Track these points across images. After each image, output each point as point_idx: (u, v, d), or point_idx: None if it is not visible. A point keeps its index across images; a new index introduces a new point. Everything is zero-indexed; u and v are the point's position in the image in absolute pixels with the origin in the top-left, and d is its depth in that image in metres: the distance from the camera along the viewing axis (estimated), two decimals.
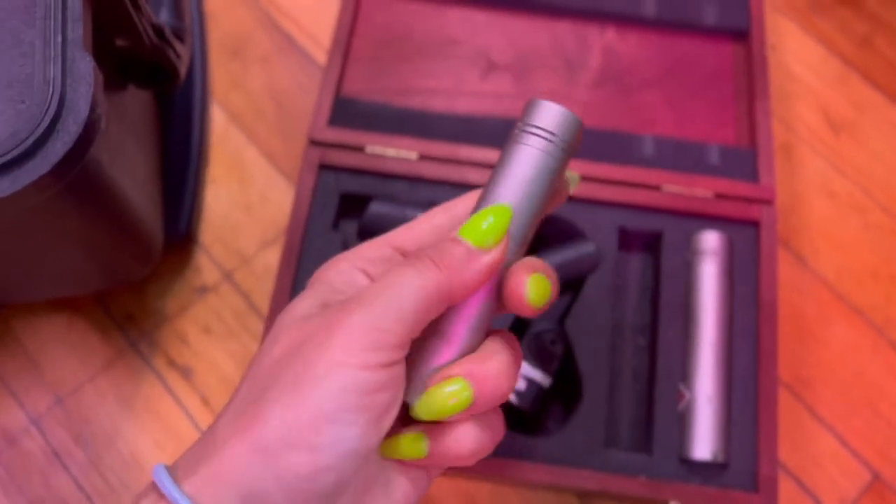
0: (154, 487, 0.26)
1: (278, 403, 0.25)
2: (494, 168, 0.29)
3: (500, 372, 0.27)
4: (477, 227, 0.27)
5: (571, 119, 0.29)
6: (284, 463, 0.24)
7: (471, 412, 0.27)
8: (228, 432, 0.25)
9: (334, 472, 0.25)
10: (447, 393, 0.26)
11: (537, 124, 0.29)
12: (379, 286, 0.26)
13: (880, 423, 0.50)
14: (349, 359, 0.25)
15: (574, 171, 0.31)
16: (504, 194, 0.28)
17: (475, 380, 0.27)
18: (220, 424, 0.26)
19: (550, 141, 0.28)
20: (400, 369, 0.26)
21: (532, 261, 0.28)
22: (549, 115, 0.28)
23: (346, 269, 0.30)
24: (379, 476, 0.28)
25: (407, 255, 0.30)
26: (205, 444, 0.26)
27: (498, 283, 0.28)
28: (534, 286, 0.27)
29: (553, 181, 0.29)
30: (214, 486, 0.25)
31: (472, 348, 0.28)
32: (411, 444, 0.27)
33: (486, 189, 0.29)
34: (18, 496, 0.48)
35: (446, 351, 0.28)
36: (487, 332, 0.29)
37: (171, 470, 0.26)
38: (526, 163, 0.28)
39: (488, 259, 0.27)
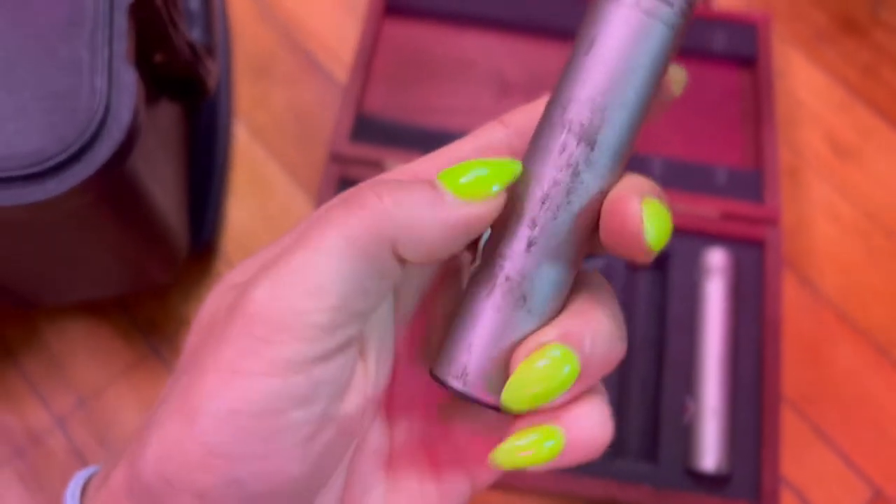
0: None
1: (159, 431, 0.18)
2: (573, 50, 0.21)
3: (603, 327, 0.19)
4: (455, 177, 0.19)
5: None
6: (190, 466, 0.17)
7: (578, 387, 0.19)
8: (126, 453, 0.19)
9: (260, 481, 0.17)
10: (544, 367, 0.18)
11: None
12: (289, 246, 0.18)
13: (883, 441, 0.51)
14: (245, 363, 0.17)
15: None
16: (587, 87, 0.20)
17: (575, 341, 0.19)
18: (155, 409, 0.20)
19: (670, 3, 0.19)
20: (338, 367, 0.18)
21: (639, 181, 0.20)
22: None
23: None
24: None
25: None
26: (145, 423, 0.19)
27: (592, 216, 0.20)
28: (652, 217, 0.18)
29: (665, 62, 0.20)
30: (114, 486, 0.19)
31: (556, 310, 0.20)
32: (541, 446, 0.19)
33: (562, 79, 0.21)
34: (40, 494, 0.50)
35: (526, 319, 0.20)
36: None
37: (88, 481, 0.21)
38: (624, 33, 0.19)
39: (488, 207, 0.19)
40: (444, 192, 0.19)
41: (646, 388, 0.49)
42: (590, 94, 0.20)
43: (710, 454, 0.45)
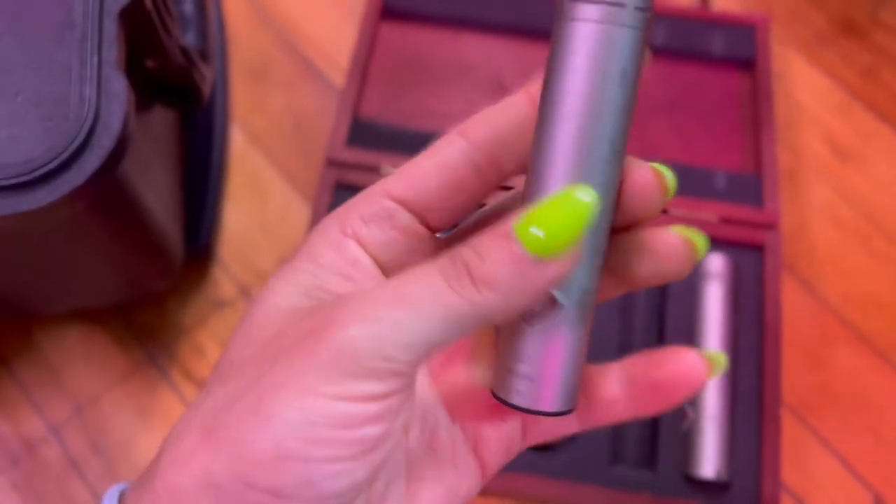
0: None
1: (233, 434, 0.19)
2: (548, 66, 0.20)
3: None
4: (548, 218, 0.18)
5: None
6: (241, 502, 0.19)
7: None
8: (173, 455, 0.20)
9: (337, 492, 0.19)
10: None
11: None
12: (387, 297, 0.19)
13: (883, 447, 0.51)
14: (330, 387, 0.18)
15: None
16: (573, 102, 0.20)
17: None
18: (170, 436, 0.20)
19: (622, 4, 0.19)
20: (401, 397, 0.20)
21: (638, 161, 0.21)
22: None
23: (335, 237, 0.22)
24: (396, 475, 0.22)
25: (413, 212, 0.23)
26: (153, 465, 0.20)
27: (609, 226, 0.21)
28: (692, 237, 0.21)
29: (641, 62, 0.20)
30: None
31: (592, 312, 0.21)
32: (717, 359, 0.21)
33: (543, 97, 0.20)
34: (36, 503, 0.49)
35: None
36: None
37: (125, 492, 0.21)
38: (599, 48, 0.19)
39: (552, 273, 0.19)
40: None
41: None
42: (574, 111, 0.20)
43: (709, 461, 0.45)
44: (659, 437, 0.46)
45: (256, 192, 0.58)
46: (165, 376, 0.52)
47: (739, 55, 0.58)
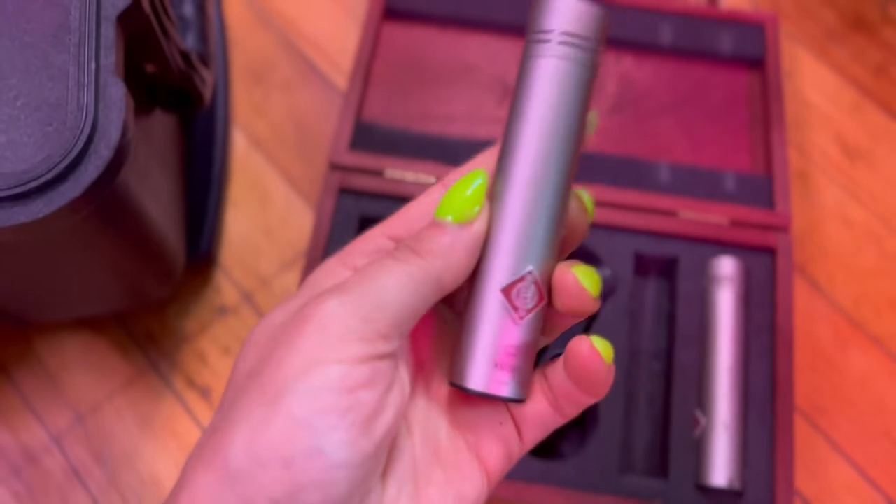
0: None
1: (244, 419, 0.21)
2: (515, 105, 0.25)
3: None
4: (455, 202, 0.24)
5: (599, 13, 0.23)
6: (255, 486, 0.20)
7: None
8: (194, 463, 0.22)
9: (318, 490, 0.20)
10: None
11: (547, 28, 0.24)
12: (357, 276, 0.23)
13: None
14: (323, 352, 0.21)
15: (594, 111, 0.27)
16: (526, 137, 0.24)
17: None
18: (191, 456, 0.22)
19: (572, 44, 0.23)
20: (389, 366, 0.22)
21: (565, 262, 0.26)
22: (560, 12, 0.23)
23: (336, 267, 0.26)
24: (406, 475, 0.24)
25: None
26: (179, 480, 0.22)
27: (545, 285, 0.25)
28: (583, 275, 0.25)
29: (586, 98, 0.24)
30: None
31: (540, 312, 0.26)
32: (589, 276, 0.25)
33: (513, 130, 0.25)
34: None
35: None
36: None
37: None
38: (549, 82, 0.24)
39: (472, 233, 0.24)
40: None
41: (654, 401, 0.48)
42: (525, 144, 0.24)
43: (721, 469, 0.44)
44: (670, 446, 0.45)
45: (258, 196, 0.57)
46: (167, 384, 0.52)
47: (748, 54, 0.57)
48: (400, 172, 0.51)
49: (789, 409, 0.45)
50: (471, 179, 0.24)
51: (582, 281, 0.24)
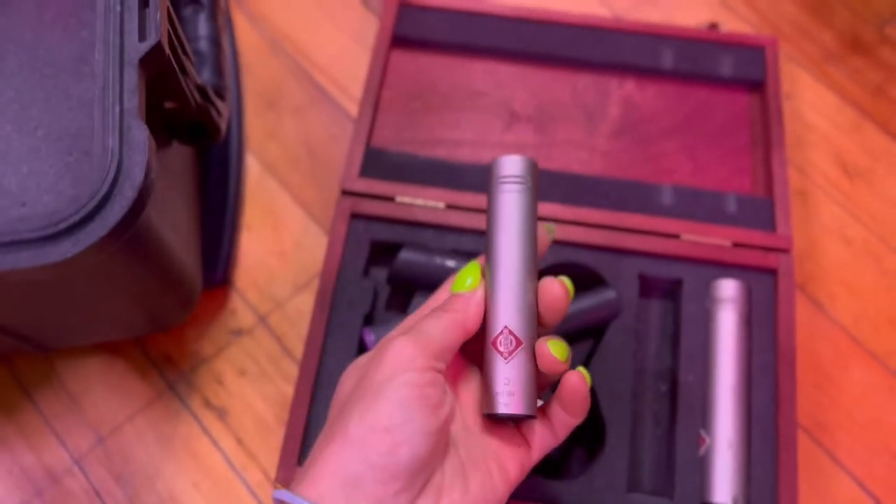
0: None
1: (356, 409, 0.33)
2: (487, 222, 0.38)
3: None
4: (462, 281, 0.38)
5: (527, 161, 0.37)
6: (369, 447, 0.31)
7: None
8: (321, 445, 0.33)
9: (408, 446, 0.31)
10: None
11: (504, 174, 0.37)
12: (414, 326, 0.36)
13: None
14: (401, 365, 0.33)
15: (550, 223, 0.42)
16: (502, 237, 0.37)
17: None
18: (319, 441, 0.34)
19: (519, 182, 0.37)
20: (441, 377, 0.34)
21: (544, 338, 0.36)
22: (510, 165, 0.37)
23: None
24: (457, 470, 0.34)
25: None
26: (310, 460, 0.33)
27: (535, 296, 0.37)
28: (554, 347, 0.35)
29: (534, 211, 0.37)
30: (320, 483, 0.31)
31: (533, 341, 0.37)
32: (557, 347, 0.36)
33: (488, 238, 0.38)
34: None
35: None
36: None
37: (290, 489, 0.33)
38: (508, 205, 0.37)
39: (476, 295, 0.37)
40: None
41: (659, 420, 0.49)
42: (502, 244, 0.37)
43: (726, 487, 0.45)
44: (676, 464, 0.46)
45: (272, 220, 0.59)
46: (186, 405, 0.53)
47: (749, 77, 0.58)
48: (410, 198, 0.53)
49: (792, 426, 0.47)
50: (471, 268, 0.38)
51: (552, 350, 0.35)
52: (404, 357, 0.33)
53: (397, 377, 0.33)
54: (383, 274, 0.53)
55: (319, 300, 0.50)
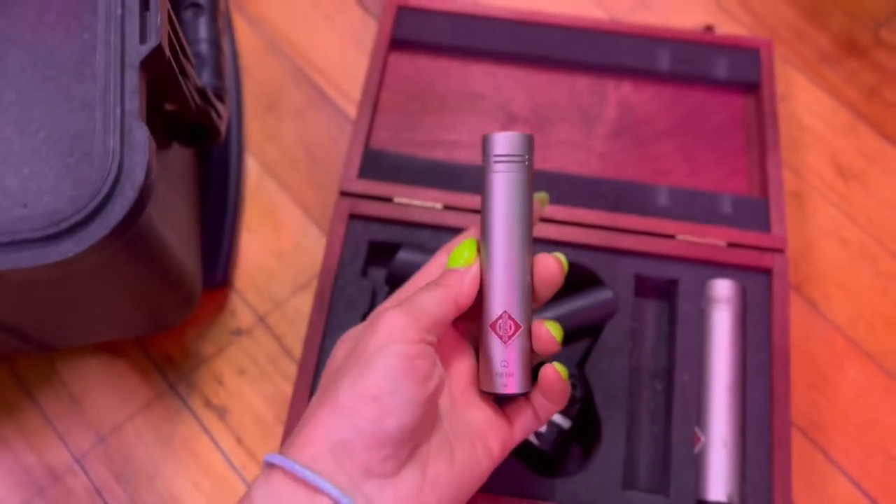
0: (267, 468, 0.33)
1: (346, 378, 0.33)
2: (483, 201, 0.38)
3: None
4: (458, 257, 0.38)
5: (523, 138, 0.37)
6: (358, 414, 0.32)
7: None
8: (312, 410, 0.34)
9: (395, 416, 0.32)
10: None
11: (496, 153, 0.37)
12: (407, 298, 0.36)
13: (893, 467, 0.51)
14: (393, 336, 0.34)
15: (542, 193, 0.42)
16: (498, 218, 0.37)
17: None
18: (309, 408, 0.35)
19: (512, 160, 0.36)
20: (432, 351, 0.35)
21: (541, 320, 0.38)
22: (505, 142, 0.37)
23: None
24: (444, 441, 0.35)
25: None
26: (300, 426, 0.34)
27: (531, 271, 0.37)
28: (552, 328, 0.37)
29: (530, 189, 0.37)
30: (309, 447, 0.32)
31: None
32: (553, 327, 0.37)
33: (484, 217, 0.37)
34: None
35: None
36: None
37: (280, 453, 0.33)
38: (504, 184, 0.36)
39: (471, 271, 0.37)
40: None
41: (655, 419, 0.49)
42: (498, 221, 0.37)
43: (720, 484, 0.46)
44: (671, 462, 0.47)
45: (271, 221, 0.59)
46: (186, 405, 0.54)
47: (744, 78, 0.59)
48: (408, 199, 0.53)
49: (786, 425, 0.47)
50: (467, 244, 0.38)
51: (552, 331, 0.37)
52: (396, 328, 0.34)
53: (388, 347, 0.33)
54: (381, 274, 0.53)
55: (318, 300, 0.50)
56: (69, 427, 0.53)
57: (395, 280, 0.51)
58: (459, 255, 0.38)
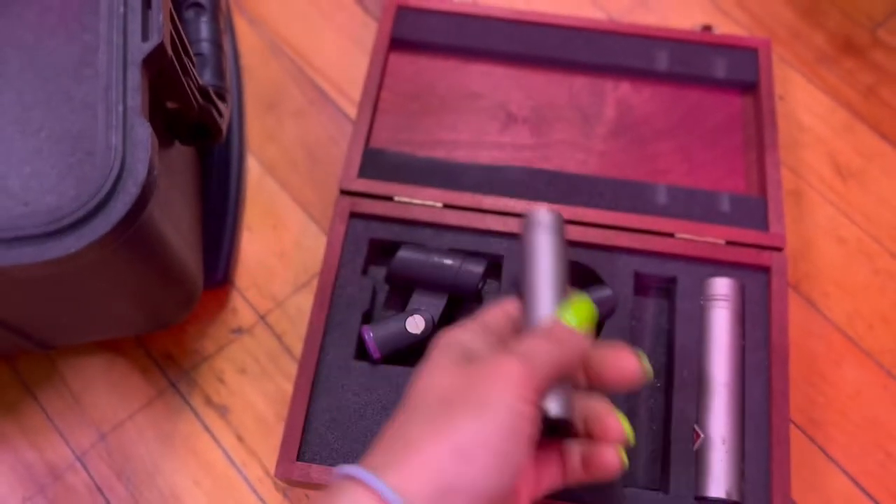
0: (352, 483, 0.30)
1: (468, 417, 0.31)
2: (525, 261, 0.42)
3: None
4: (574, 315, 0.37)
5: (557, 215, 0.42)
6: (473, 464, 0.30)
7: None
8: (423, 434, 0.31)
9: (507, 475, 0.31)
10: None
11: (540, 221, 0.42)
12: (531, 349, 0.35)
13: (891, 465, 0.52)
14: (512, 390, 0.32)
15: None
16: (543, 272, 0.41)
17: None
18: (410, 429, 0.32)
19: (552, 231, 0.42)
20: (537, 411, 0.33)
21: (619, 346, 0.37)
22: (544, 217, 0.42)
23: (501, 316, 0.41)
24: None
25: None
26: (396, 446, 0.32)
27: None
28: (577, 312, 0.37)
29: (562, 245, 0.42)
30: (415, 480, 0.30)
31: None
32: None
33: (527, 273, 0.41)
34: None
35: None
36: None
37: (365, 468, 0.31)
38: (546, 247, 0.41)
39: (587, 342, 0.36)
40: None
41: (654, 416, 0.50)
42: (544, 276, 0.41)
43: (720, 481, 0.46)
44: (670, 459, 0.47)
45: (272, 220, 0.60)
46: (187, 403, 0.54)
47: (742, 78, 0.59)
48: (408, 198, 0.53)
49: (785, 422, 0.47)
50: (584, 305, 0.37)
51: (623, 423, 0.37)
52: (513, 380, 0.32)
53: (508, 401, 0.32)
54: (382, 273, 0.53)
55: (318, 299, 0.50)
56: (70, 425, 0.53)
57: (396, 278, 0.52)
58: (577, 313, 0.37)
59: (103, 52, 0.37)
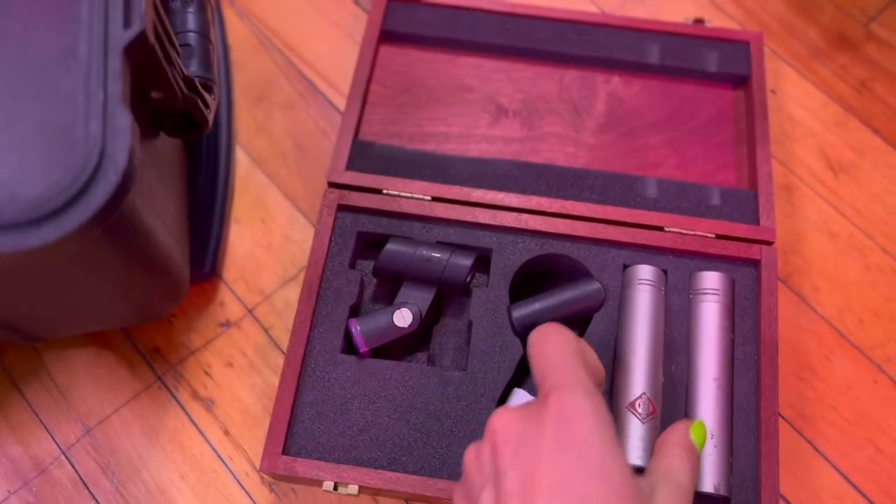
0: None
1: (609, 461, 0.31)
2: (625, 316, 0.49)
3: None
4: (700, 437, 0.38)
5: (659, 272, 0.48)
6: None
7: None
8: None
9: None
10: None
11: (640, 277, 0.49)
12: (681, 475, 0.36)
13: (882, 460, 0.51)
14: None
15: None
16: (634, 339, 0.48)
17: None
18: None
19: (651, 285, 0.48)
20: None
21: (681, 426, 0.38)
22: (649, 271, 0.48)
23: None
24: None
25: None
26: None
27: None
28: (695, 432, 0.38)
29: (661, 304, 0.49)
30: None
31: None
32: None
33: (626, 329, 0.48)
34: None
35: None
36: None
37: None
38: (649, 306, 0.49)
39: (696, 454, 0.37)
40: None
41: None
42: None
43: (708, 475, 0.46)
44: None
45: (260, 213, 0.59)
46: (173, 397, 0.53)
47: (734, 72, 0.59)
48: (396, 191, 0.53)
49: (774, 416, 0.47)
50: (700, 425, 0.38)
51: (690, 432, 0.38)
52: None
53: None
54: (370, 266, 0.53)
55: (306, 291, 0.50)
56: (56, 419, 0.53)
57: (384, 271, 0.51)
58: (697, 434, 0.38)
59: (84, 40, 0.36)
